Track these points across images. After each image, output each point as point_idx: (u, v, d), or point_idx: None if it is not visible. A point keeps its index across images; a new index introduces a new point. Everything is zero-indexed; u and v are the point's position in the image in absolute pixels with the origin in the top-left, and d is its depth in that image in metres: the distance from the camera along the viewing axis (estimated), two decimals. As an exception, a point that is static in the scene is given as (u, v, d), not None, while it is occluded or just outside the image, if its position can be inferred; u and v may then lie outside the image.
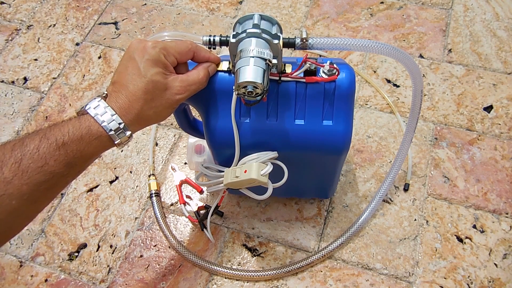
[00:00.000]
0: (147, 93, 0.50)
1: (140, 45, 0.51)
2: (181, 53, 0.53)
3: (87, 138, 0.49)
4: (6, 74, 1.00)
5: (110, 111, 0.49)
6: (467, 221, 0.76)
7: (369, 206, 0.76)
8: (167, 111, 0.54)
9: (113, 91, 0.51)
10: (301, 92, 0.56)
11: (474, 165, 0.82)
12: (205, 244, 0.77)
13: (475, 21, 1.00)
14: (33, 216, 0.51)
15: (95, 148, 0.50)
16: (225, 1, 1.08)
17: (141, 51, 0.50)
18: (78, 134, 0.48)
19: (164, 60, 0.51)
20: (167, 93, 0.52)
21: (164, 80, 0.51)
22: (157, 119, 0.54)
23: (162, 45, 0.51)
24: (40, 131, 0.48)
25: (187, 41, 0.54)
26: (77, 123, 0.49)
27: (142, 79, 0.50)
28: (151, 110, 0.51)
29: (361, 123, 0.88)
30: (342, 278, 0.73)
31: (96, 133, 0.49)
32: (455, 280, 0.71)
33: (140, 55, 0.50)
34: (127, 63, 0.51)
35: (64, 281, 0.75)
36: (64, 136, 0.48)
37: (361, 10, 1.04)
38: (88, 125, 0.49)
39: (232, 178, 0.59)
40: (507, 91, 0.90)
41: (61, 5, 1.11)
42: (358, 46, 0.53)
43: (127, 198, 0.82)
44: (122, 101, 0.50)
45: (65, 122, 0.49)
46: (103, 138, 0.49)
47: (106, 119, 0.49)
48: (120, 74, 0.51)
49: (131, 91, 0.50)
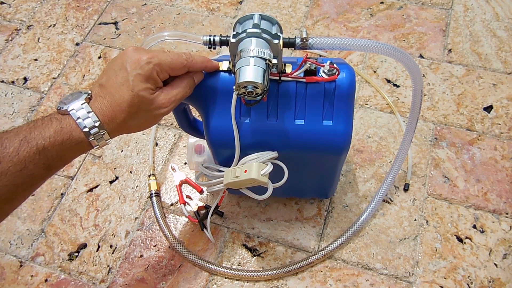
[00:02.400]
0: (132, 106, 0.50)
1: (135, 56, 0.50)
2: (174, 69, 0.52)
3: (68, 143, 0.48)
4: (6, 74, 1.00)
5: (93, 117, 0.49)
6: (467, 221, 0.76)
7: (369, 206, 0.76)
8: (151, 123, 0.54)
9: (98, 95, 0.50)
10: (301, 92, 0.56)
11: (474, 165, 0.82)
12: (205, 244, 0.77)
13: (475, 21, 1.00)
14: (8, 213, 0.50)
15: (74, 152, 0.50)
16: (225, 1, 1.08)
17: (135, 63, 0.50)
18: (59, 139, 0.48)
19: (155, 77, 0.50)
20: (152, 108, 0.51)
21: (151, 96, 0.50)
22: (138, 129, 0.54)
23: (156, 61, 0.50)
24: (20, 132, 0.47)
25: (183, 57, 0.52)
26: (58, 127, 0.48)
27: (129, 92, 0.49)
28: (133, 121, 0.51)
29: (361, 123, 0.88)
30: (342, 278, 0.73)
31: (77, 139, 0.49)
32: (455, 280, 0.71)
33: (132, 67, 0.49)
34: (118, 71, 0.50)
35: (64, 281, 0.75)
36: (45, 141, 0.47)
37: (361, 10, 1.04)
38: (70, 130, 0.48)
39: (232, 178, 0.59)
40: (507, 91, 0.90)
41: (61, 5, 1.11)
42: (358, 46, 0.53)
43: (127, 198, 0.82)
44: (106, 108, 0.50)
45: (45, 124, 0.48)
46: (83, 143, 0.49)
47: (88, 125, 0.49)
48: (109, 79, 0.51)
49: (116, 100, 0.49)
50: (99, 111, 0.49)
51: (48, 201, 0.83)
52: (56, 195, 0.83)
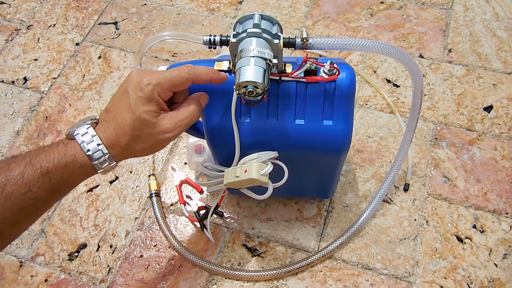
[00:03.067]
0: (135, 129, 0.49)
1: (136, 79, 0.50)
2: (176, 85, 0.51)
3: (72, 166, 0.48)
4: (6, 74, 1.00)
5: (97, 140, 0.49)
6: (467, 221, 0.76)
7: (369, 206, 0.76)
8: (156, 148, 0.52)
9: (104, 119, 0.51)
10: (301, 92, 0.56)
11: (474, 165, 0.82)
12: (205, 244, 0.77)
13: (475, 21, 1.00)
14: (14, 237, 0.51)
15: (79, 176, 0.50)
16: (225, 1, 1.08)
17: (136, 86, 0.49)
18: (63, 162, 0.48)
19: (157, 97, 0.50)
20: (156, 132, 0.50)
21: (153, 119, 0.50)
22: (144, 154, 0.53)
23: (156, 81, 0.49)
24: (26, 155, 0.48)
25: (184, 70, 0.51)
26: (63, 150, 0.48)
27: (131, 115, 0.49)
28: (137, 145, 0.51)
29: (361, 123, 0.88)
30: (342, 278, 0.73)
31: (81, 162, 0.49)
32: (455, 280, 0.71)
33: (133, 91, 0.49)
34: (121, 95, 0.50)
35: (64, 281, 0.75)
36: (49, 164, 0.47)
37: (361, 10, 1.04)
38: (74, 154, 0.49)
39: (232, 178, 0.59)
40: (507, 91, 0.90)
41: (61, 5, 1.11)
42: (358, 46, 0.53)
43: (127, 198, 0.82)
44: (110, 132, 0.50)
45: (52, 148, 0.49)
46: (87, 167, 0.49)
47: (92, 149, 0.49)
48: (113, 104, 0.51)
49: (119, 124, 0.50)
50: (103, 134, 0.50)
51: (48, 201, 0.83)
52: (56, 195, 0.83)
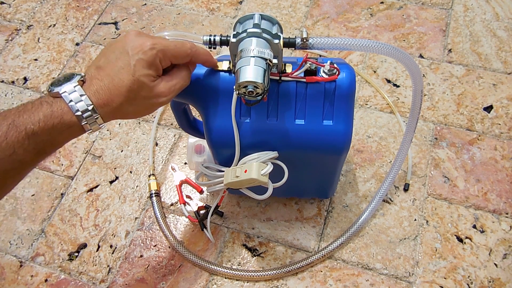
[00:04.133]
0: (131, 91, 0.48)
1: (139, 41, 0.49)
2: (178, 57, 0.51)
3: (59, 128, 0.46)
4: (6, 74, 1.00)
5: (86, 100, 0.47)
6: (467, 221, 0.76)
7: (369, 206, 0.76)
8: (148, 111, 0.52)
9: (95, 77, 0.48)
10: (301, 92, 0.56)
11: (474, 165, 0.82)
12: (205, 244, 0.77)
13: (475, 21, 1.00)
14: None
15: (66, 136, 0.48)
16: (225, 1, 1.08)
17: (137, 47, 0.48)
18: (49, 123, 0.46)
19: (158, 63, 0.49)
20: (151, 96, 0.50)
21: (151, 83, 0.49)
22: (134, 116, 0.52)
23: (160, 48, 0.49)
24: (8, 116, 0.46)
25: (187, 46, 0.51)
26: (48, 111, 0.46)
27: (129, 77, 0.48)
28: (130, 107, 0.50)
29: (361, 123, 0.88)
30: (342, 278, 0.73)
31: (68, 123, 0.47)
32: (455, 280, 0.71)
33: (135, 52, 0.48)
34: (119, 54, 0.49)
35: (64, 281, 0.75)
36: (34, 125, 0.45)
37: (361, 10, 1.04)
38: (61, 114, 0.46)
39: (232, 178, 0.59)
40: (507, 91, 0.90)
41: (61, 5, 1.11)
42: (358, 46, 0.53)
43: (127, 198, 0.82)
44: (102, 91, 0.48)
45: (36, 108, 0.46)
46: (75, 128, 0.47)
47: (81, 109, 0.46)
48: (108, 62, 0.49)
49: (115, 84, 0.48)
50: (93, 94, 0.47)
51: (48, 201, 0.83)
52: (56, 195, 0.83)
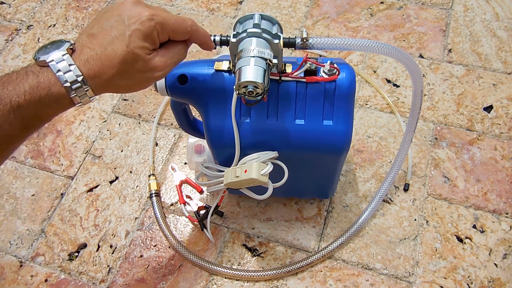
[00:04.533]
0: (124, 63, 0.45)
1: (136, 10, 0.45)
2: (176, 32, 0.47)
3: (46, 100, 0.43)
4: (6, 74, 0.99)
5: (76, 70, 0.43)
6: (467, 221, 0.76)
7: (369, 206, 0.76)
8: (141, 86, 0.49)
9: (86, 46, 0.45)
10: (301, 92, 0.56)
11: (474, 165, 0.82)
12: (205, 244, 0.77)
13: (475, 21, 1.00)
14: None
15: (54, 110, 0.45)
16: (225, 1, 1.08)
17: (135, 17, 0.45)
18: (36, 95, 0.43)
19: (155, 36, 0.46)
20: (146, 69, 0.46)
21: (146, 56, 0.46)
22: (127, 91, 0.49)
23: (159, 20, 0.45)
24: None
25: (188, 22, 0.48)
26: (34, 82, 0.43)
27: (124, 48, 0.44)
28: (123, 81, 0.46)
29: (361, 123, 0.88)
30: (342, 278, 0.73)
31: (56, 95, 0.43)
32: (455, 280, 0.71)
33: (131, 21, 0.44)
34: (114, 23, 0.45)
35: (64, 281, 0.75)
36: (20, 98, 0.42)
37: (361, 10, 1.04)
38: (48, 86, 0.43)
39: (232, 178, 0.59)
40: (507, 91, 0.90)
41: (61, 5, 1.11)
42: (358, 46, 0.53)
43: (127, 198, 0.82)
44: (93, 62, 0.44)
45: (21, 79, 0.43)
46: (63, 100, 0.44)
47: (70, 79, 0.43)
48: (102, 30, 0.45)
49: (107, 54, 0.44)
50: (84, 63, 0.44)
51: (48, 201, 0.83)
52: (56, 195, 0.83)
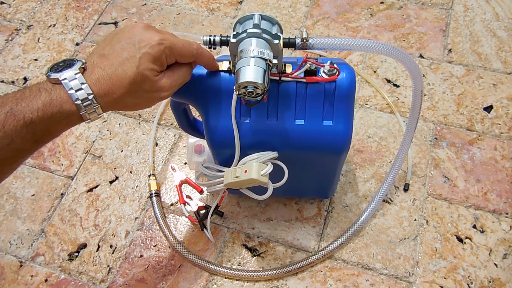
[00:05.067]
0: (133, 84, 0.48)
1: (147, 34, 0.49)
2: (183, 56, 0.51)
3: (58, 117, 0.46)
4: (6, 74, 1.00)
5: (87, 88, 0.46)
6: (467, 221, 0.76)
7: (369, 206, 0.76)
8: (148, 105, 0.52)
9: (97, 65, 0.48)
10: (301, 92, 0.56)
11: (474, 165, 0.82)
12: (205, 244, 0.77)
13: (475, 21, 1.00)
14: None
15: (64, 126, 0.48)
16: (225, 1, 1.08)
17: (146, 41, 0.48)
18: (48, 112, 0.45)
19: (163, 59, 0.49)
20: (153, 90, 0.50)
21: (154, 77, 0.49)
22: (134, 109, 0.52)
23: (168, 44, 0.49)
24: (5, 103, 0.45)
25: (194, 46, 0.52)
26: (47, 99, 0.45)
27: (134, 69, 0.47)
28: (130, 100, 0.49)
29: (361, 123, 0.88)
30: (342, 278, 0.73)
31: (67, 112, 0.46)
32: (455, 280, 0.71)
33: (142, 45, 0.48)
34: (125, 45, 0.48)
35: (64, 281, 0.75)
36: (33, 114, 0.45)
37: (361, 10, 1.04)
38: (60, 103, 0.46)
39: (232, 178, 0.59)
40: (507, 91, 0.90)
41: (61, 5, 1.11)
42: (358, 46, 0.53)
43: (127, 198, 0.82)
44: (104, 81, 0.47)
45: (34, 95, 0.46)
46: (73, 117, 0.47)
47: (81, 97, 0.46)
48: (113, 51, 0.49)
49: (118, 74, 0.47)
50: (95, 82, 0.47)
51: (48, 201, 0.83)
52: (56, 195, 0.83)
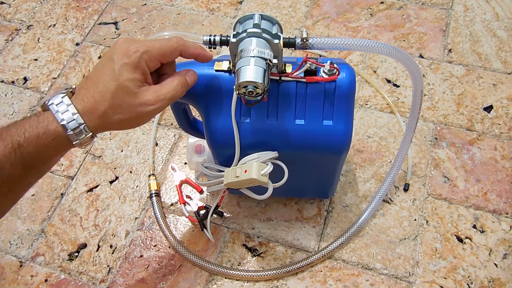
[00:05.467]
0: (115, 97, 0.47)
1: (123, 47, 0.48)
2: (165, 54, 0.49)
3: (44, 139, 0.46)
4: (6, 74, 1.00)
5: (72, 109, 0.46)
6: (467, 221, 0.76)
7: (369, 206, 0.76)
8: (136, 122, 0.50)
9: (82, 87, 0.48)
10: (301, 92, 0.56)
11: (474, 165, 0.82)
12: (205, 244, 0.77)
13: (475, 21, 1.00)
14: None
15: (53, 149, 0.47)
16: (225, 1, 1.08)
17: (122, 53, 0.47)
18: (34, 134, 0.45)
19: (143, 66, 0.48)
20: (137, 103, 0.48)
21: (136, 89, 0.47)
22: (123, 127, 0.50)
23: (144, 49, 0.48)
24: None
25: (173, 40, 0.50)
26: (34, 122, 0.46)
27: (113, 82, 0.47)
28: (116, 115, 0.48)
29: (361, 123, 0.88)
30: (342, 278, 0.73)
31: (53, 133, 0.46)
32: (455, 280, 0.71)
33: (119, 57, 0.47)
34: (105, 62, 0.48)
35: (64, 281, 0.75)
36: (20, 137, 0.45)
37: (361, 10, 1.04)
38: (46, 124, 0.46)
39: (232, 178, 0.59)
40: (507, 91, 0.90)
41: (61, 5, 1.11)
42: (358, 46, 0.53)
43: (127, 198, 0.82)
44: (87, 99, 0.47)
45: (24, 121, 0.46)
46: (61, 138, 0.46)
47: (66, 118, 0.46)
48: (95, 71, 0.49)
49: (99, 91, 0.47)
50: (80, 103, 0.47)
51: (48, 201, 0.83)
52: (56, 195, 0.83)
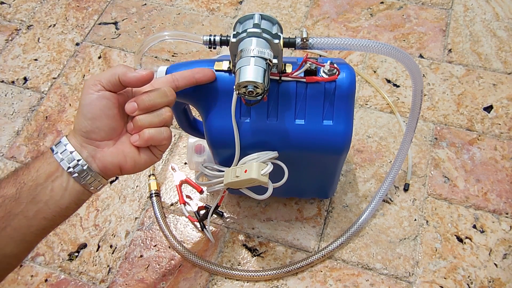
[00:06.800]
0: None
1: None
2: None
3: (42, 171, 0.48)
4: (6, 74, 0.99)
5: (64, 140, 0.49)
6: (467, 221, 0.76)
7: (369, 206, 0.76)
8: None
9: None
10: (301, 92, 0.56)
11: (474, 165, 0.82)
12: (205, 244, 0.77)
13: (475, 21, 1.00)
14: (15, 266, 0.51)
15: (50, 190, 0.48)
16: (225, 1, 1.08)
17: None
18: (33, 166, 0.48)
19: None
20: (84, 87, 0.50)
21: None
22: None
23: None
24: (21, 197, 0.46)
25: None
26: (35, 162, 0.48)
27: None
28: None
29: (361, 123, 0.88)
30: (342, 278, 0.73)
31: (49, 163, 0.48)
32: (455, 280, 0.71)
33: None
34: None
35: (64, 281, 0.75)
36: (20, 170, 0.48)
37: (361, 10, 1.04)
38: (45, 157, 0.48)
39: (232, 178, 0.59)
40: (507, 91, 0.90)
41: (61, 5, 1.11)
42: (358, 46, 0.53)
43: (127, 198, 0.82)
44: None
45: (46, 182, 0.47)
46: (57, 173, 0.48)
47: (60, 150, 0.49)
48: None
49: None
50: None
51: (48, 201, 0.82)
52: (56, 195, 0.83)
